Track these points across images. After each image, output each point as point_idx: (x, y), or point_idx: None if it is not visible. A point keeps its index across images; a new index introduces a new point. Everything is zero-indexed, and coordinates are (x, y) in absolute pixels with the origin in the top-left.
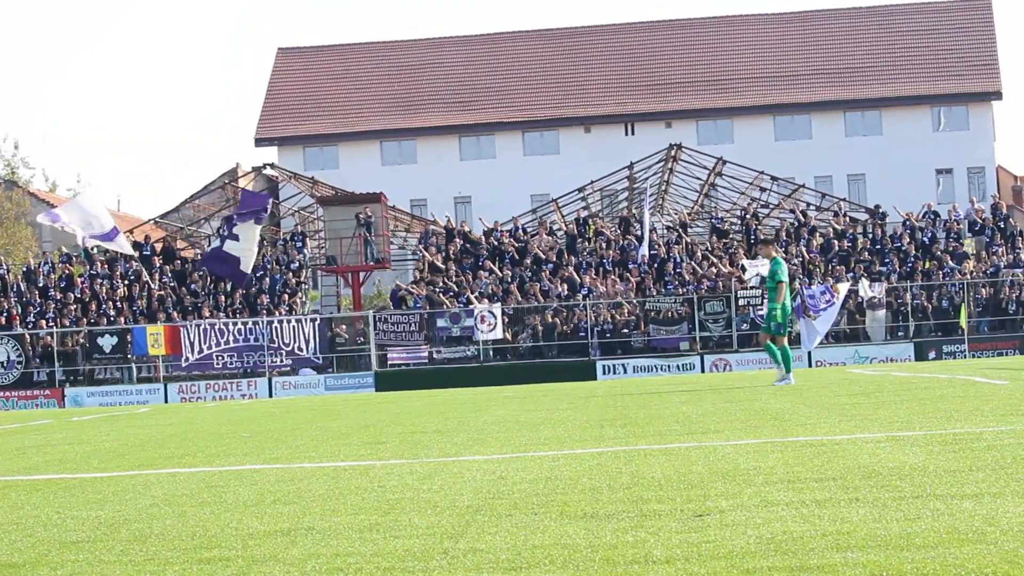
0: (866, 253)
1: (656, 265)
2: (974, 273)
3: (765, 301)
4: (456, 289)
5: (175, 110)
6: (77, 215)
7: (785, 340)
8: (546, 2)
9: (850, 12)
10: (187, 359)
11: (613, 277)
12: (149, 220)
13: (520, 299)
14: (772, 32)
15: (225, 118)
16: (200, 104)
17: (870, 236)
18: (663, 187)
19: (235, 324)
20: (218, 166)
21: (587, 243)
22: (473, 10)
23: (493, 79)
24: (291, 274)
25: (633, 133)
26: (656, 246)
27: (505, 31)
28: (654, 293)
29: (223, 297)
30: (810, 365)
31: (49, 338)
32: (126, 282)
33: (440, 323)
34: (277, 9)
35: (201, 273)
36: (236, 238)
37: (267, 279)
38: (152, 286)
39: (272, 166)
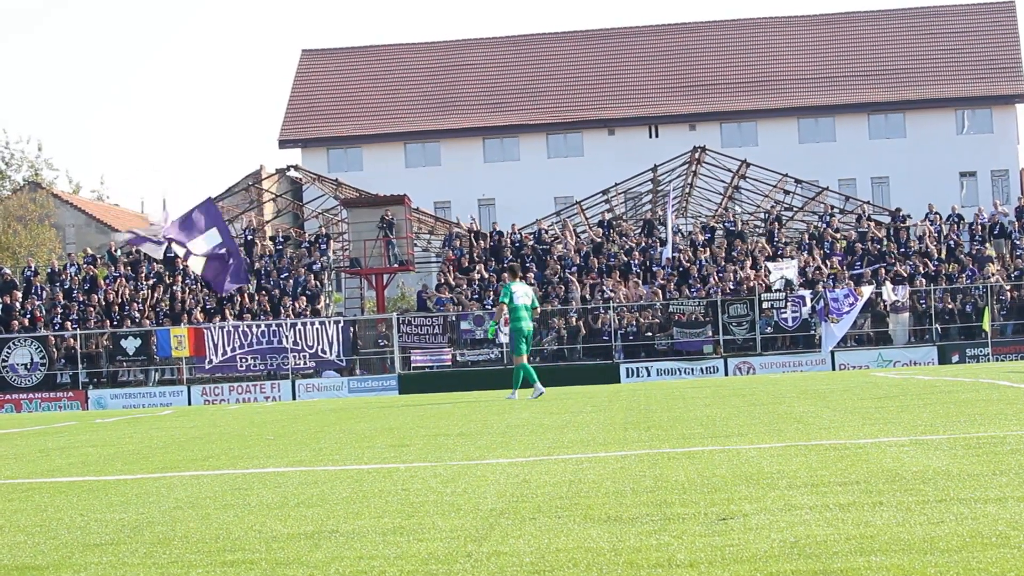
0: (888, 256)
1: (679, 268)
2: (998, 276)
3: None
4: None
5: (199, 112)
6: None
7: (524, 358)
8: (571, 5)
9: (874, 15)
10: (210, 361)
11: (636, 280)
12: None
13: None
14: (796, 35)
15: (249, 120)
16: (224, 106)
17: (893, 239)
18: (687, 189)
19: (258, 326)
20: (242, 168)
21: (611, 246)
22: (498, 13)
23: (517, 81)
24: (314, 276)
25: (657, 135)
26: (679, 249)
27: (529, 34)
28: (677, 296)
29: (247, 299)
30: (833, 368)
31: (73, 340)
32: (150, 283)
33: (464, 325)
34: (301, 11)
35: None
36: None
37: (291, 281)
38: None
39: (296, 168)
